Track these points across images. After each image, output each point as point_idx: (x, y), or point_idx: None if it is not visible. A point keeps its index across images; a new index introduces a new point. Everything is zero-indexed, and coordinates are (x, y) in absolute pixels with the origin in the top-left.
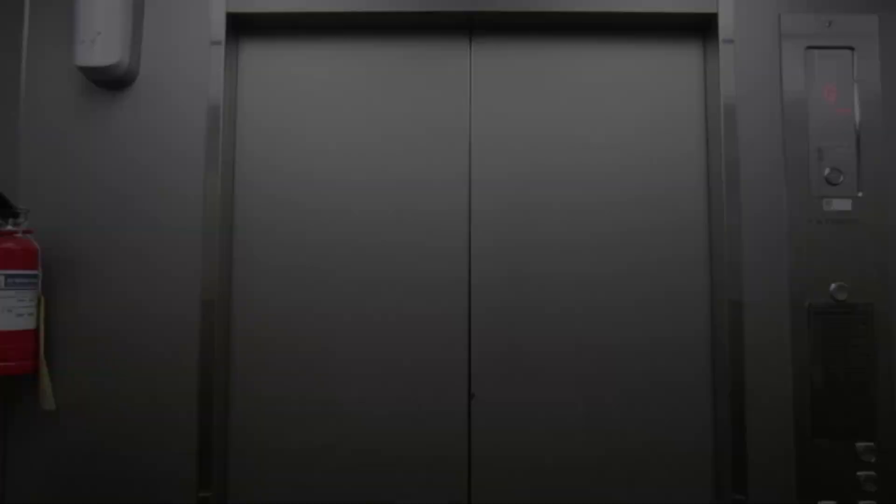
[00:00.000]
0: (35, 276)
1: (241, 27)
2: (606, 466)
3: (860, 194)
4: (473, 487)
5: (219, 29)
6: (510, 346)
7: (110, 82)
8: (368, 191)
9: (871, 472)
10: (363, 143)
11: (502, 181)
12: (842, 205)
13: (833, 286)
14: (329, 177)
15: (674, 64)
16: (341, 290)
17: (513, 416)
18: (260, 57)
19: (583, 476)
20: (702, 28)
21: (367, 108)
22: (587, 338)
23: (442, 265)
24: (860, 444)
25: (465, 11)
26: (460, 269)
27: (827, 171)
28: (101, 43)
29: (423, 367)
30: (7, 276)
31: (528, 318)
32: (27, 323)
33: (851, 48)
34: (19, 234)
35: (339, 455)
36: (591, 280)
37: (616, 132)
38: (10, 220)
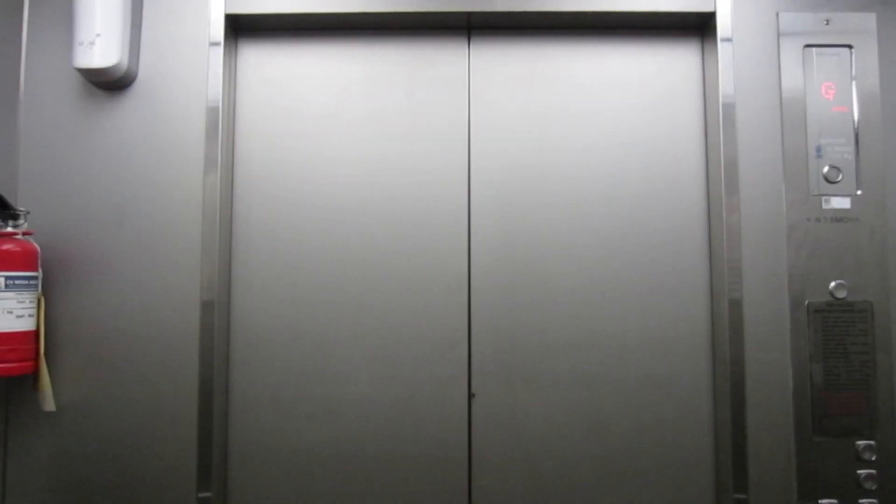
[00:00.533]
0: (35, 278)
1: (240, 28)
2: (607, 467)
3: (859, 192)
4: (474, 490)
5: (217, 30)
6: (510, 345)
7: (109, 84)
8: (368, 191)
9: (872, 471)
10: (362, 143)
11: (501, 180)
12: (841, 203)
13: (832, 284)
14: (328, 177)
15: (672, 63)
16: (341, 289)
17: (512, 416)
18: (259, 58)
19: (583, 477)
20: (700, 27)
21: (366, 108)
22: (584, 337)
23: (442, 264)
24: (860, 443)
25: (465, 11)
26: (460, 267)
27: (826, 169)
28: (100, 45)
29: (423, 367)
30: (7, 278)
31: (526, 318)
32: (27, 324)
33: (850, 46)
34: (19, 236)
35: (339, 455)
36: (589, 279)
37: (614, 131)
38: (10, 222)
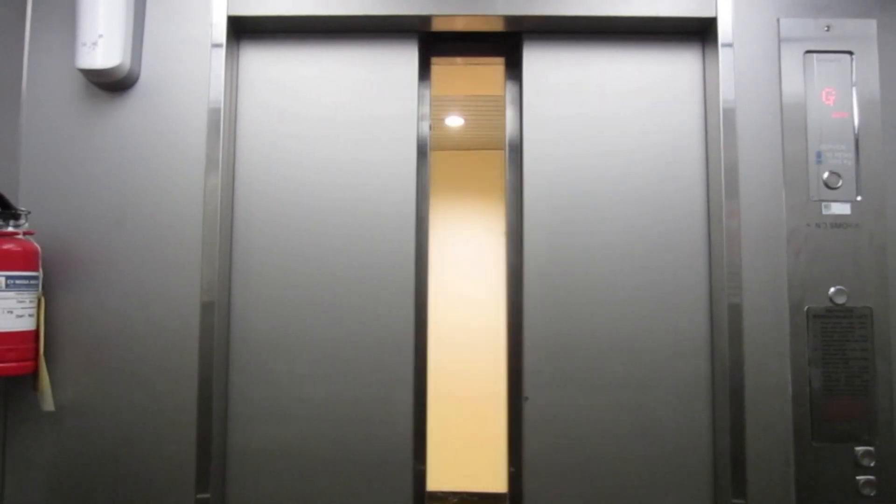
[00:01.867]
0: (35, 278)
1: (242, 30)
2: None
3: (859, 198)
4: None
5: (220, 32)
6: (562, 348)
7: (112, 85)
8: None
9: (871, 477)
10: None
11: (549, 184)
12: (841, 209)
13: (832, 290)
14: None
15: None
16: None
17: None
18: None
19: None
20: (701, 32)
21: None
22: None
23: (391, 269)
24: (859, 449)
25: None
26: (407, 272)
27: (826, 174)
28: (102, 46)
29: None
30: (7, 278)
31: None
32: (27, 324)
33: (850, 52)
34: (20, 236)
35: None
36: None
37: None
38: (11, 222)
